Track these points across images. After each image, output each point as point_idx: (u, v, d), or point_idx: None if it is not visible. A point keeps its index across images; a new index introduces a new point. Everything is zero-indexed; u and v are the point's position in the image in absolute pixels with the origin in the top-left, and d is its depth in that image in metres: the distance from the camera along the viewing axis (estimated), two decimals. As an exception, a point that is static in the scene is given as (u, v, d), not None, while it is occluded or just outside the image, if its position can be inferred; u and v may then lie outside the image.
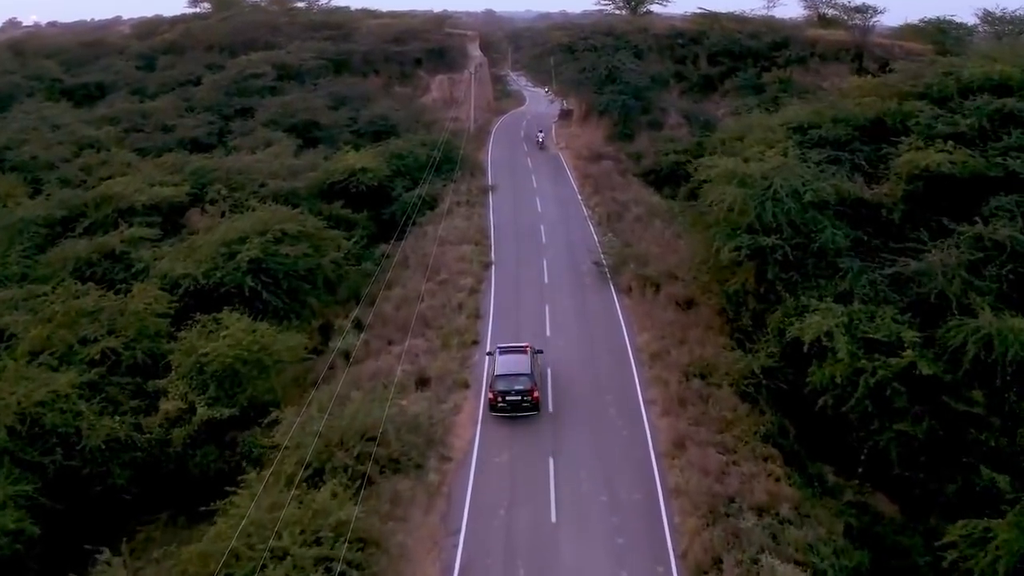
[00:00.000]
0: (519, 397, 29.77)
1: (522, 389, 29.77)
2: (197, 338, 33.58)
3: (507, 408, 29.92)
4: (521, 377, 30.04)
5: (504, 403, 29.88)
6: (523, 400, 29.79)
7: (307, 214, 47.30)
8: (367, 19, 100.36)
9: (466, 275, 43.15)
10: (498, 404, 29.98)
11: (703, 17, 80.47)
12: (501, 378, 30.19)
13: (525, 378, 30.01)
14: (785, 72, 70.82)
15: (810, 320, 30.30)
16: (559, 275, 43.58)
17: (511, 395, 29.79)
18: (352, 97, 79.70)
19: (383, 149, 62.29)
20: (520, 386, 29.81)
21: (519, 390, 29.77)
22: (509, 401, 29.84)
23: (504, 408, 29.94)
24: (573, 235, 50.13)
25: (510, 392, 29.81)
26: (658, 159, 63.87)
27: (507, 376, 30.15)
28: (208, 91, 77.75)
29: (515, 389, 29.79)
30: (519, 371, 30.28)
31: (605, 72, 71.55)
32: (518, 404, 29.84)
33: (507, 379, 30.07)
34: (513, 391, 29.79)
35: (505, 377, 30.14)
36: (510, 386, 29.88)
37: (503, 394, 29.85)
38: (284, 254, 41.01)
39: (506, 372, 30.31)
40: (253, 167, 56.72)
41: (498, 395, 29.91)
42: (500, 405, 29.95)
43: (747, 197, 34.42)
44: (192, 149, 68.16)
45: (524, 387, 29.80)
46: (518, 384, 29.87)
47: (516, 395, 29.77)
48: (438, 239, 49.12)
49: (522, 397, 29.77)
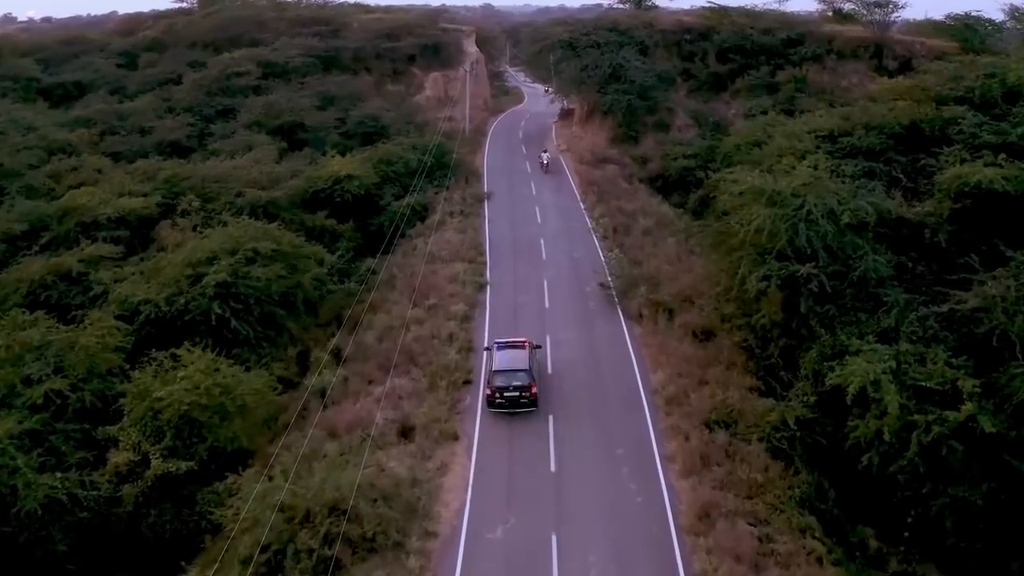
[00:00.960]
0: (517, 393, 29.26)
1: (520, 385, 29.26)
2: (151, 379, 29.74)
3: (505, 404, 29.40)
4: (519, 373, 29.49)
5: (502, 399, 29.35)
6: (521, 396, 29.29)
7: (284, 229, 43.31)
8: (359, 14, 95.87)
9: (458, 299, 38.92)
10: (496, 400, 29.45)
11: (712, 12, 75.89)
12: (499, 374, 29.66)
13: (523, 374, 29.46)
14: (800, 70, 66.49)
15: (854, 366, 26.18)
16: (561, 299, 39.37)
17: (509, 391, 29.27)
18: (341, 96, 75.39)
19: (371, 154, 58.06)
20: (518, 382, 29.31)
21: (517, 386, 29.26)
22: (507, 397, 29.32)
23: (502, 404, 29.42)
24: (576, 251, 45.89)
25: (508, 388, 29.29)
26: (666, 164, 59.63)
27: (505, 372, 29.62)
28: (188, 91, 73.49)
29: (513, 385, 29.29)
30: (517, 367, 29.72)
31: (609, 70, 67.15)
32: (516, 400, 29.34)
33: (505, 375, 29.54)
34: (511, 387, 29.28)
35: (503, 373, 29.61)
36: (508, 382, 29.36)
37: (501, 390, 29.33)
38: (256, 277, 36.96)
39: (504, 368, 29.78)
40: (230, 175, 52.67)
41: (496, 391, 29.39)
42: (498, 401, 29.43)
43: (777, 218, 30.20)
44: (171, 152, 64.35)
45: (522, 383, 29.29)
46: (516, 380, 29.34)
47: (514, 391, 29.26)
48: (429, 255, 44.94)
49: (520, 393, 29.25)
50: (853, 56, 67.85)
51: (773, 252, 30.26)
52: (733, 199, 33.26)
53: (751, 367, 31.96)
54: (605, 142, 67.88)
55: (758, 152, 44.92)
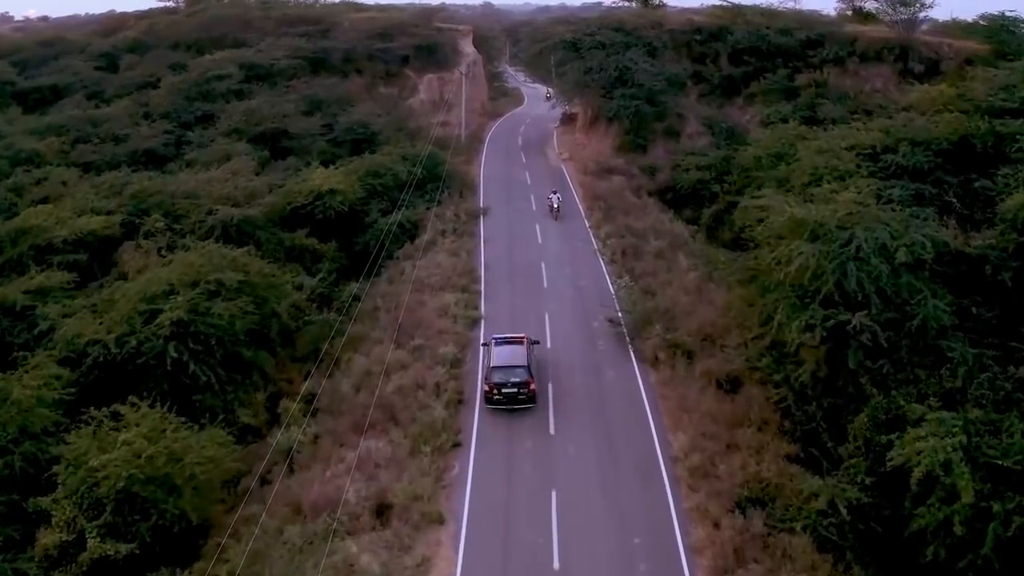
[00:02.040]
0: (515, 390, 28.94)
1: (518, 381, 28.97)
2: (89, 443, 25.43)
3: (503, 401, 29.09)
4: (518, 369, 29.25)
5: (500, 395, 29.05)
6: (519, 392, 28.99)
7: (255, 255, 38.98)
8: (350, 12, 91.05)
9: (447, 338, 34.32)
10: (494, 396, 29.13)
11: (725, 10, 71.01)
12: (497, 370, 29.32)
13: (522, 370, 29.22)
14: (821, 74, 61.80)
15: (920, 443, 21.61)
16: (565, 338, 34.74)
17: (507, 387, 28.96)
18: (330, 100, 70.75)
19: (357, 166, 53.52)
20: (516, 378, 29.02)
21: (515, 382, 28.94)
22: (505, 394, 28.99)
23: (500, 401, 29.10)
24: (581, 277, 41.27)
25: (506, 384, 28.96)
26: (677, 176, 54.98)
27: (503, 368, 29.32)
28: (166, 95, 68.82)
29: (511, 381, 28.97)
30: (516, 363, 29.49)
31: (615, 73, 62.38)
32: (514, 397, 29.02)
33: (503, 371, 29.23)
34: (509, 383, 28.95)
35: (501, 369, 29.31)
36: (506, 378, 29.04)
37: (499, 386, 28.99)
38: (218, 314, 32.53)
39: (502, 364, 29.49)
40: (203, 189, 48.19)
41: (494, 387, 29.05)
42: (496, 398, 29.12)
43: (822, 256, 25.60)
44: (146, 162, 60.16)
45: (521, 379, 29.02)
46: (514, 376, 29.05)
47: (512, 387, 28.94)
48: (416, 282, 40.39)
49: (518, 390, 28.95)
50: (877, 58, 63.25)
51: (818, 296, 25.64)
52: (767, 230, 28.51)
53: (787, 427, 27.34)
54: (610, 150, 63.23)
55: (784, 168, 40.39)
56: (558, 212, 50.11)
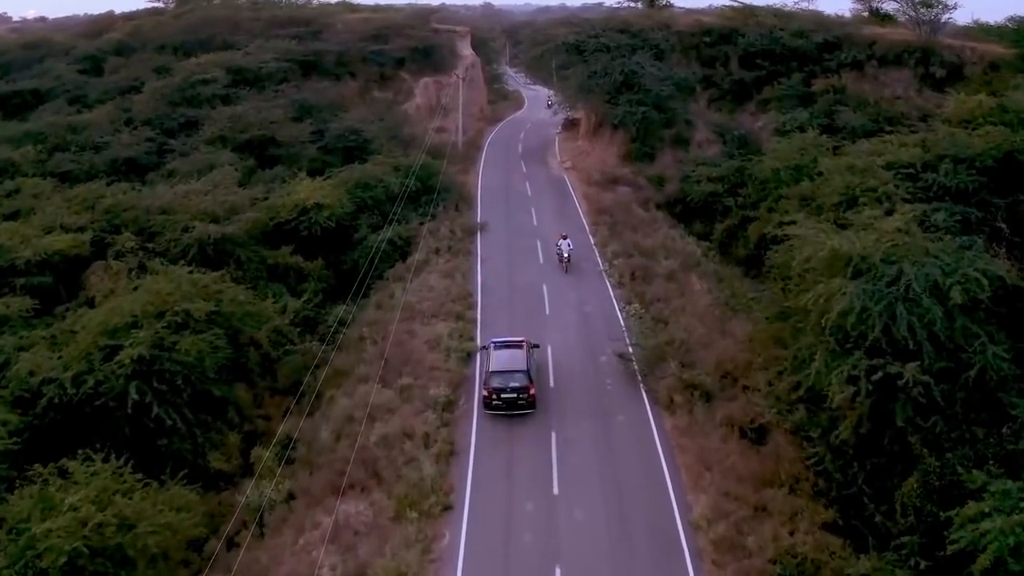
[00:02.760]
0: (515, 395, 28.35)
1: (518, 386, 28.35)
2: (32, 506, 22.39)
3: (502, 406, 28.43)
4: (517, 374, 28.58)
5: (499, 401, 28.40)
6: (519, 398, 28.38)
7: (229, 280, 35.93)
8: (343, 13, 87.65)
9: (439, 376, 31.01)
10: (493, 402, 28.47)
11: (736, 11, 67.47)
12: (496, 375, 28.63)
13: (521, 375, 28.56)
14: (839, 79, 58.45)
15: (983, 521, 18.43)
16: (570, 375, 31.41)
17: (507, 392, 28.32)
18: (321, 105, 67.43)
19: (346, 177, 50.28)
20: (516, 383, 28.39)
21: (515, 387, 28.34)
22: (504, 399, 28.35)
23: (499, 406, 28.45)
24: (587, 303, 37.96)
25: (505, 390, 28.32)
26: (688, 187, 51.71)
27: (502, 373, 28.63)
28: (148, 100, 65.49)
29: (511, 386, 28.35)
30: (515, 368, 28.77)
31: (620, 77, 58.95)
32: (514, 402, 28.41)
33: (502, 376, 28.56)
34: (509, 388, 28.33)
35: (500, 374, 28.62)
36: (505, 383, 28.39)
37: (498, 391, 28.34)
38: (184, 350, 29.44)
39: (501, 368, 28.77)
40: (180, 203, 44.99)
41: (493, 392, 28.37)
42: (495, 403, 28.46)
43: (867, 297, 22.30)
44: (127, 172, 57.20)
45: (520, 384, 28.39)
46: (514, 381, 28.42)
47: (512, 392, 28.34)
48: (406, 307, 37.13)
49: (518, 395, 28.36)
50: (897, 62, 59.89)
51: (862, 344, 22.33)
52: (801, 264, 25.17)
53: (822, 487, 24.08)
54: (616, 159, 59.91)
55: (808, 185, 37.09)
56: (568, 262, 40.83)
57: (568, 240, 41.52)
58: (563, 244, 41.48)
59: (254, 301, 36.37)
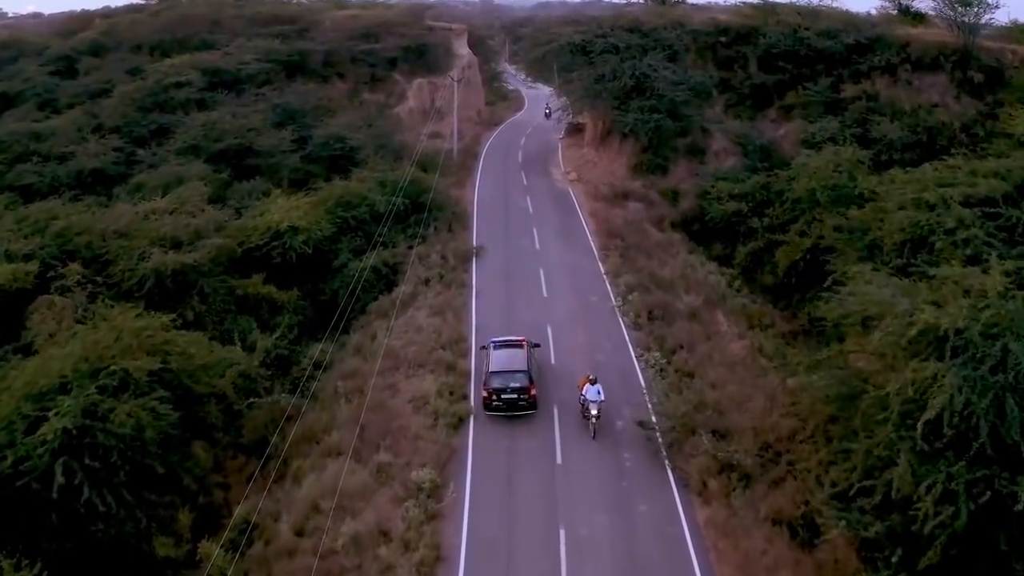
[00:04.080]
0: (515, 396, 27.69)
1: (518, 387, 27.71)
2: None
3: (503, 407, 27.81)
4: (517, 374, 27.95)
5: (499, 402, 27.77)
6: (520, 399, 27.75)
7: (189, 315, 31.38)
8: (331, 10, 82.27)
9: (424, 449, 25.89)
10: (493, 403, 27.84)
11: (755, 9, 61.92)
12: (496, 375, 28.03)
13: (522, 375, 27.93)
14: (872, 84, 53.15)
15: None
16: (582, 448, 26.31)
17: (507, 393, 27.68)
18: (305, 110, 62.25)
19: (326, 195, 45.20)
20: (516, 383, 27.74)
21: (515, 388, 27.68)
22: (505, 400, 27.72)
23: (499, 407, 27.82)
24: (599, 350, 32.72)
25: (505, 390, 27.70)
26: (707, 205, 46.51)
27: (502, 373, 28.03)
28: (117, 106, 60.29)
29: (511, 387, 27.71)
30: (515, 368, 28.11)
31: (631, 81, 53.66)
32: (514, 403, 27.76)
33: (502, 376, 27.96)
34: (509, 389, 27.69)
35: (500, 374, 28.03)
36: (506, 383, 27.78)
37: (498, 392, 27.70)
38: (120, 421, 24.69)
39: (501, 369, 28.17)
40: (139, 226, 40.08)
41: (493, 393, 27.74)
42: (495, 404, 27.83)
43: (968, 388, 17.20)
44: (93, 184, 52.61)
45: (520, 384, 27.74)
46: (514, 381, 27.78)
47: (512, 393, 27.67)
48: (389, 354, 32.05)
49: (519, 396, 27.70)
50: (932, 66, 54.55)
51: (961, 445, 17.23)
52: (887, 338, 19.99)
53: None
54: (625, 170, 54.71)
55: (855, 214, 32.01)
56: (597, 421, 26.98)
57: (598, 387, 27.25)
58: (591, 393, 27.18)
59: (212, 348, 31.59)
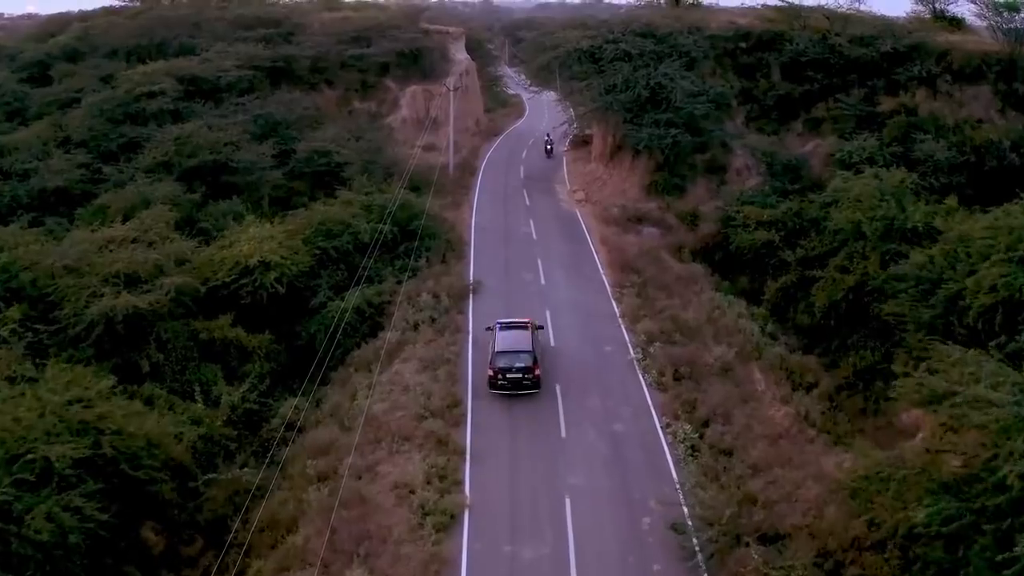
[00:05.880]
0: (520, 375, 28.50)
1: (523, 366, 28.52)
2: None
3: (508, 386, 28.61)
4: (522, 354, 28.79)
5: (504, 380, 28.58)
6: (524, 378, 28.53)
7: (130, 387, 26.92)
8: (320, 12, 77.09)
9: (410, 557, 20.86)
10: (498, 382, 28.64)
11: (779, 12, 56.75)
12: (501, 355, 28.87)
13: (526, 355, 28.75)
14: (912, 97, 48.13)
15: None
16: (602, 556, 21.29)
17: (512, 372, 28.52)
18: (288, 121, 57.29)
19: (304, 222, 40.32)
20: (521, 363, 28.58)
21: (520, 367, 28.52)
22: (510, 379, 28.55)
23: (504, 386, 28.63)
24: (617, 416, 27.68)
25: (511, 369, 28.54)
26: (733, 233, 41.55)
27: (508, 353, 28.88)
28: (85, 117, 55.29)
29: (516, 366, 28.54)
30: (520, 348, 29.07)
31: (646, 92, 48.66)
32: (519, 382, 28.57)
33: (508, 356, 28.79)
34: (514, 368, 28.52)
35: (506, 354, 28.85)
36: (511, 363, 28.62)
37: (503, 371, 28.55)
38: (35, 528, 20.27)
39: (507, 348, 29.06)
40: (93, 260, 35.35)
41: (498, 372, 28.59)
42: (500, 383, 28.63)
43: None
44: (56, 204, 47.99)
45: (525, 364, 28.56)
46: (519, 361, 28.64)
47: (517, 372, 28.50)
48: (371, 422, 27.08)
49: (523, 375, 28.50)
50: (974, 77, 49.62)
51: None
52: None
53: None
54: (638, 190, 49.76)
55: (921, 260, 27.13)
56: None
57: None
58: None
59: (160, 417, 27.04)
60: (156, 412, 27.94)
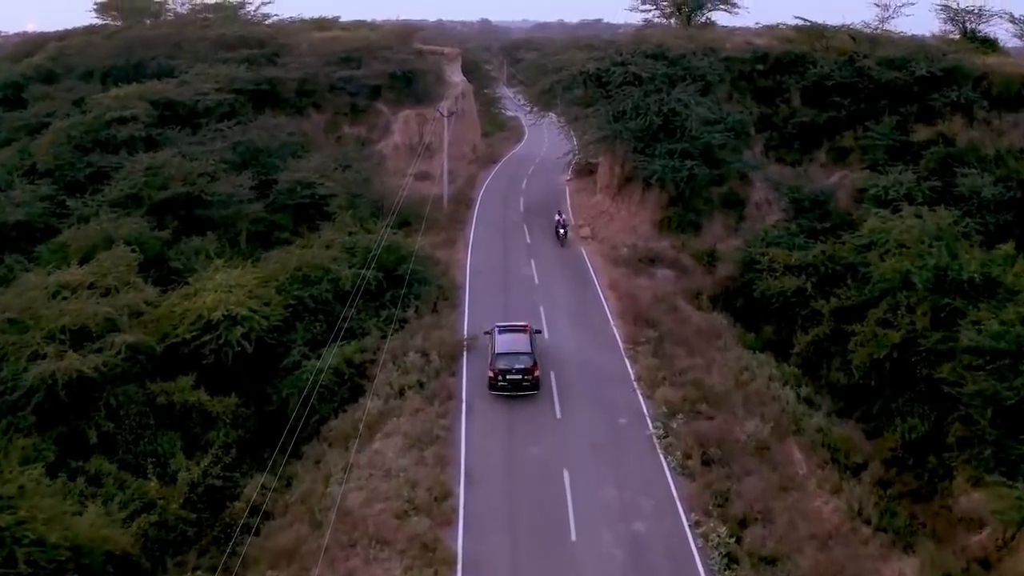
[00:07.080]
0: (520, 376, 28.90)
1: (523, 368, 28.93)
2: None
3: (507, 387, 28.93)
4: (522, 356, 29.22)
5: (504, 382, 28.95)
6: (523, 379, 28.92)
7: (54, 484, 23.01)
8: (308, 31, 73.10)
9: None
10: (498, 383, 28.99)
11: (800, 32, 52.74)
12: (501, 356, 29.28)
13: (526, 356, 29.20)
14: (950, 126, 44.03)
15: None
16: None
17: (512, 374, 28.92)
18: (271, 149, 53.15)
19: (278, 268, 36.08)
20: (521, 364, 28.98)
21: (520, 368, 28.93)
22: (510, 380, 28.92)
23: (504, 387, 28.96)
24: (636, 513, 23.26)
25: (510, 371, 28.93)
26: (758, 280, 37.26)
27: (507, 355, 29.32)
28: (51, 144, 51.09)
29: (516, 368, 28.94)
30: (520, 350, 29.53)
31: (658, 119, 44.56)
32: (519, 383, 28.94)
33: (507, 357, 29.22)
34: (514, 370, 28.92)
35: (505, 356, 29.28)
36: (511, 364, 29.01)
37: (503, 373, 28.93)
38: None
39: (506, 350, 29.51)
40: (39, 311, 31.28)
41: (498, 373, 28.96)
42: (500, 384, 28.96)
43: None
44: (18, 240, 43.91)
45: (525, 366, 28.99)
46: (519, 363, 29.03)
47: (516, 374, 28.91)
48: (344, 516, 22.74)
49: (523, 376, 28.89)
50: (1014, 103, 45.60)
51: None
52: None
53: None
54: (649, 226, 45.55)
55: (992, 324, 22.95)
56: None
57: None
58: None
59: (111, 495, 23.37)
60: (98, 501, 24.06)
